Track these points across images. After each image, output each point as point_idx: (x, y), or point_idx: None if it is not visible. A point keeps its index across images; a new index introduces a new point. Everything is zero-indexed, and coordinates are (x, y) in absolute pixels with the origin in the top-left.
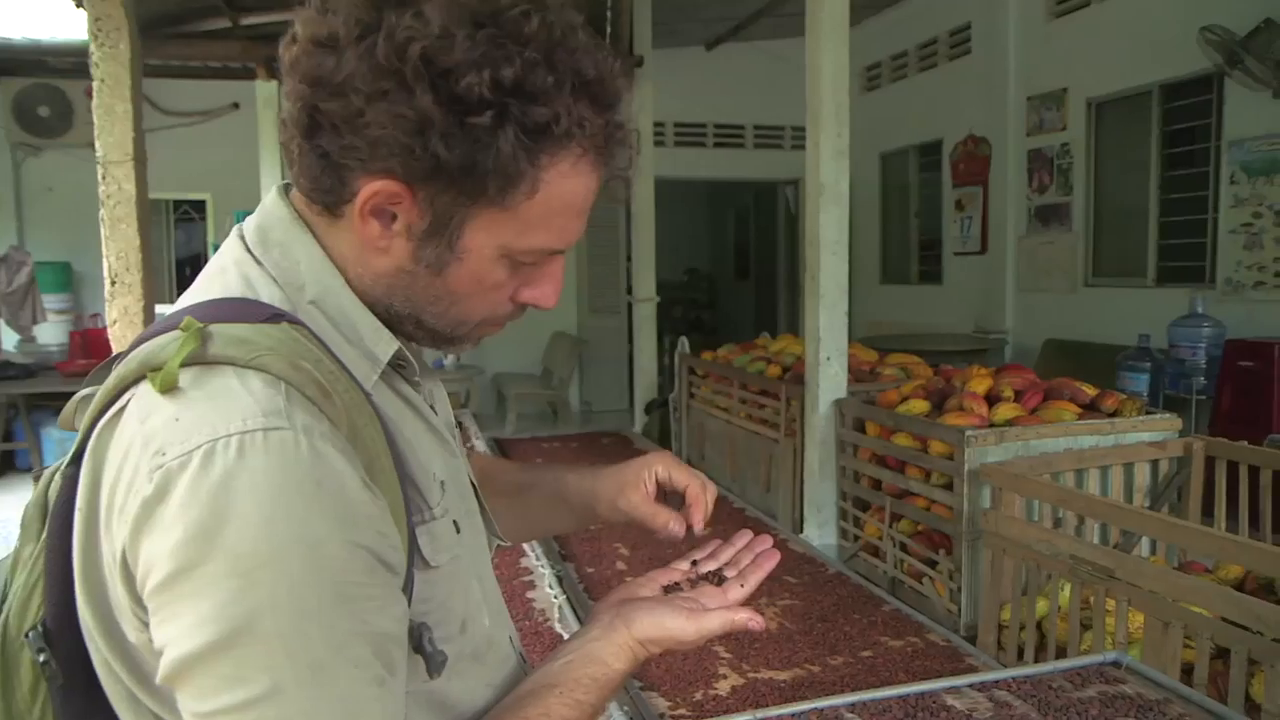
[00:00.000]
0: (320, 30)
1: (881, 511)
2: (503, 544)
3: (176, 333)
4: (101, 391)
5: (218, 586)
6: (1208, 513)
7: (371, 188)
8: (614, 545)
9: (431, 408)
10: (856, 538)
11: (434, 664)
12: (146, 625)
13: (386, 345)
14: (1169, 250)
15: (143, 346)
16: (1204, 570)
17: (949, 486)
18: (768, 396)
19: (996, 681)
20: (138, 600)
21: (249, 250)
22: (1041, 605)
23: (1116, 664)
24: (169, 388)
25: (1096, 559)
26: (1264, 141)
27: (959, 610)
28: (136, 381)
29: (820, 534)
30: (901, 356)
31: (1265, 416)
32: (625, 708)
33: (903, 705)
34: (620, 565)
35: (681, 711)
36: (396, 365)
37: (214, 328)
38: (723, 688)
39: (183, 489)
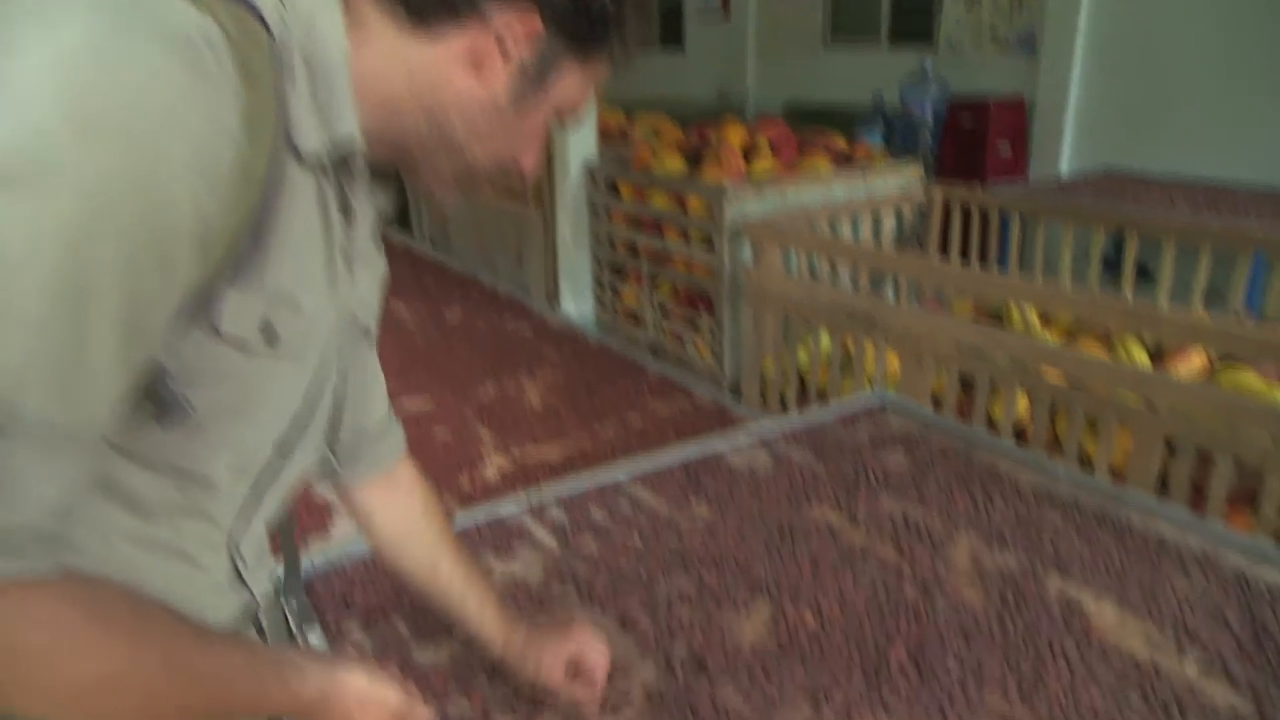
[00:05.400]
0: None
1: (640, 277)
2: (338, 473)
3: None
4: None
5: None
6: (943, 254)
7: (514, 17)
8: None
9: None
10: (616, 307)
11: (172, 414)
12: None
13: (350, 126)
14: (900, 12)
15: None
16: (939, 309)
17: (708, 245)
18: None
19: (775, 435)
20: None
21: None
22: (802, 356)
23: (881, 407)
24: None
25: (856, 305)
26: None
27: (723, 368)
28: None
29: (578, 306)
30: (651, 117)
31: (980, 168)
32: None
33: (685, 470)
34: None
35: (446, 501)
36: (342, 173)
37: None
38: (489, 472)
39: None
